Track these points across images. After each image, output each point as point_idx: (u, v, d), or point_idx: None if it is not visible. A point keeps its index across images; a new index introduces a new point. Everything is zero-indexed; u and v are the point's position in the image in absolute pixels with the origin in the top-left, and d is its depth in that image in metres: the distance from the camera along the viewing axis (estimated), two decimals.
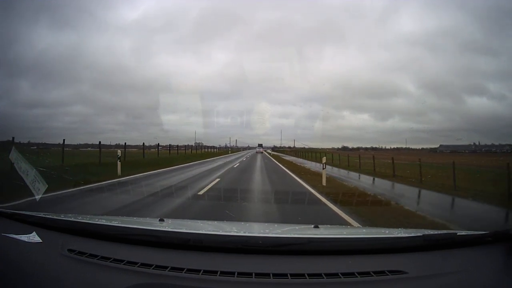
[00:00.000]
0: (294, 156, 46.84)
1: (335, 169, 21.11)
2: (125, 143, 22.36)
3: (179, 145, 38.23)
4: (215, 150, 58.87)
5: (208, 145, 56.00)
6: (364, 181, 14.36)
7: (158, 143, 30.56)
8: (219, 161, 24.77)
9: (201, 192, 8.48)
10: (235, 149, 73.66)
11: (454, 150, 43.70)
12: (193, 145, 47.22)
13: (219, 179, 12.24)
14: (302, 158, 40.07)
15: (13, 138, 13.77)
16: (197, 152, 41.61)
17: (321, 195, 8.28)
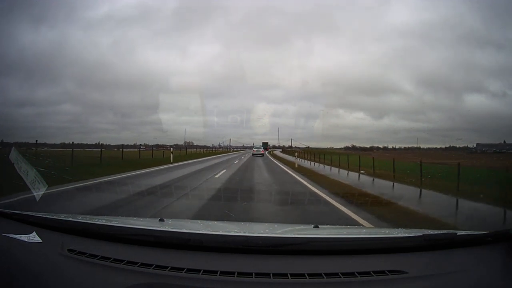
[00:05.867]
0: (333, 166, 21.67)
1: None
2: (121, 144, 23.94)
3: (167, 144, 37.10)
4: (203, 150, 52.09)
5: (200, 144, 53.21)
6: None
7: (140, 145, 31.33)
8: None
9: None
10: (224, 150, 67.57)
11: (495, 150, 36.54)
12: (183, 144, 46.01)
13: None
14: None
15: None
16: (163, 154, 32.45)
17: None
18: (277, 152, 61.47)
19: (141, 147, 30.85)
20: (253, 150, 39.26)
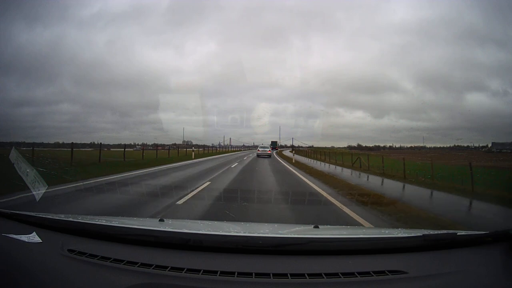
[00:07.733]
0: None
1: None
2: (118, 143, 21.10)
3: (166, 144, 35.86)
4: (201, 150, 44.83)
5: (200, 144, 50.26)
6: None
7: (137, 144, 30.44)
8: None
9: None
10: (223, 149, 64.58)
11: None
12: (181, 143, 45.32)
13: None
14: None
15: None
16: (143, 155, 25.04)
17: None
18: (287, 153, 46.30)
19: (137, 146, 30.68)
20: (258, 150, 33.71)
